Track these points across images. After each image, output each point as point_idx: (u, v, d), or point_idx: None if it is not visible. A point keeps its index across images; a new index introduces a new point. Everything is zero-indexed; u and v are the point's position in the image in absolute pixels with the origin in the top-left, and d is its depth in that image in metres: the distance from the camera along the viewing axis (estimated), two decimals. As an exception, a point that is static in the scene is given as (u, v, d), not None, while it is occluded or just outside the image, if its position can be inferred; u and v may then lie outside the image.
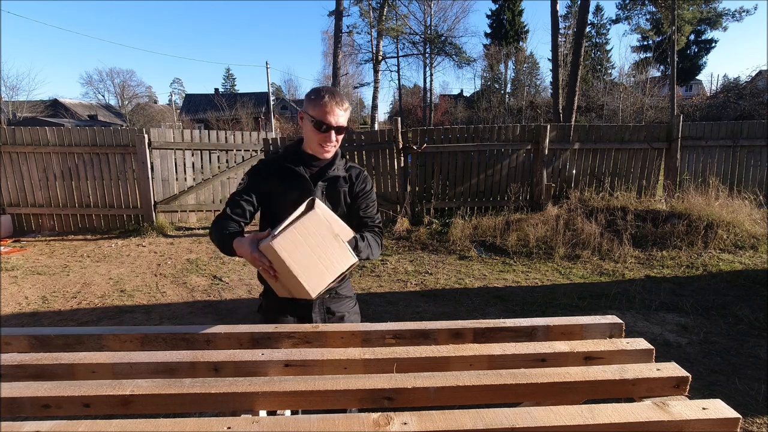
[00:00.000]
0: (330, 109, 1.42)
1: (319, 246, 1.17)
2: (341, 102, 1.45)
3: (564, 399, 0.93)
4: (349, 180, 1.59)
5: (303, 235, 1.16)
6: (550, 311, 3.61)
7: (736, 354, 2.88)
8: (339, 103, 1.43)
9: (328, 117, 1.43)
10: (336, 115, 1.44)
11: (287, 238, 1.14)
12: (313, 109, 1.45)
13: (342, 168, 1.58)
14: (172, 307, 3.88)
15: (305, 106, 1.49)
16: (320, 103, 1.42)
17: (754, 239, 5.14)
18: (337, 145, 1.55)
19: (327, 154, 1.51)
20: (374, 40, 30.47)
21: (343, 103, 1.45)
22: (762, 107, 18.51)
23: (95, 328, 1.20)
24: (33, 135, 6.29)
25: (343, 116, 1.46)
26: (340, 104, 1.44)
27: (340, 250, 1.20)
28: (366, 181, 1.64)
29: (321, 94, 1.45)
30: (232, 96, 41.21)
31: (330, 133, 1.46)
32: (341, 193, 1.57)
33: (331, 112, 1.43)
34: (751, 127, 6.85)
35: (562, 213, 5.82)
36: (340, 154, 1.61)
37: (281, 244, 1.13)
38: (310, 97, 1.47)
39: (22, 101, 35.79)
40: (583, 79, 22.69)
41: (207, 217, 7.04)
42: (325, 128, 1.44)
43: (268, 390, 0.90)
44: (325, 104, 1.42)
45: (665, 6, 19.89)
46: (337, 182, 1.56)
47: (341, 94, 1.48)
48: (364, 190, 1.62)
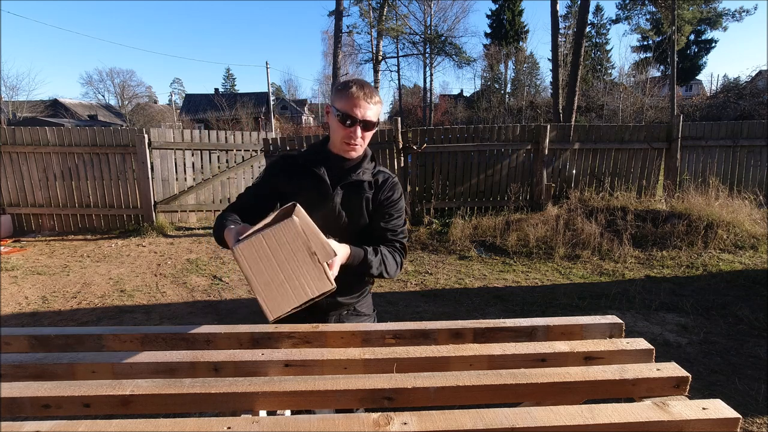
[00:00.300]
0: (357, 101, 1.28)
1: (288, 261, 1.00)
2: (370, 94, 1.30)
3: (564, 399, 0.93)
4: (375, 185, 1.42)
5: (271, 246, 0.99)
6: (550, 311, 3.61)
7: (736, 354, 2.88)
8: (368, 95, 1.29)
9: (355, 110, 1.28)
10: (363, 108, 1.29)
11: (252, 245, 0.98)
12: (339, 101, 1.31)
13: (369, 172, 1.42)
14: (172, 307, 3.89)
15: (332, 99, 1.36)
16: (347, 94, 1.29)
17: (754, 239, 5.14)
18: (365, 144, 1.39)
19: (352, 153, 1.37)
20: (374, 40, 30.50)
21: (373, 96, 1.31)
22: (762, 107, 18.51)
23: (95, 328, 1.20)
24: (33, 135, 6.30)
25: (372, 110, 1.31)
26: (369, 97, 1.29)
27: (315, 271, 1.03)
28: (395, 188, 1.45)
29: (348, 84, 1.31)
30: (232, 96, 41.22)
31: (355, 128, 1.30)
32: (363, 200, 1.40)
33: (358, 104, 1.28)
34: (751, 127, 6.85)
35: (562, 213, 5.82)
36: (370, 155, 1.45)
37: (243, 251, 0.98)
38: (337, 89, 1.34)
39: (22, 101, 35.82)
40: (583, 79, 22.69)
41: (207, 217, 7.04)
42: (351, 122, 1.29)
43: (268, 390, 0.90)
44: (352, 95, 1.28)
45: (665, 6, 19.89)
46: (360, 187, 1.39)
47: (371, 87, 1.34)
48: (390, 199, 1.44)
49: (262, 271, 0.98)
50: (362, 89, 1.29)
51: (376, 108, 1.32)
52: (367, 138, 1.36)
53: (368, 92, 1.30)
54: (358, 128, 1.31)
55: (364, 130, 1.32)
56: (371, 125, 1.33)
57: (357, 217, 1.40)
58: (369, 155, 1.44)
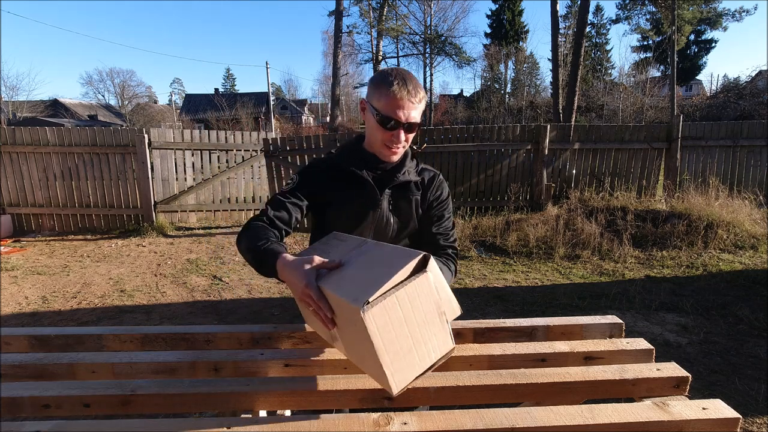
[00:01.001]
0: (400, 101, 1.11)
1: (420, 326, 0.82)
2: (415, 92, 1.12)
3: (564, 399, 0.93)
4: (422, 185, 1.28)
5: (404, 308, 0.80)
6: (550, 311, 3.61)
7: (736, 354, 2.88)
8: (412, 93, 1.11)
9: (398, 111, 1.12)
10: (407, 109, 1.12)
11: (386, 309, 0.77)
12: (378, 99, 1.13)
13: (413, 171, 1.28)
14: (172, 307, 3.88)
15: (369, 94, 1.18)
16: (387, 93, 1.11)
17: (754, 239, 5.14)
18: (407, 145, 1.23)
19: (393, 157, 1.22)
20: (374, 40, 30.50)
21: (417, 93, 1.13)
22: (762, 107, 18.51)
23: (95, 328, 1.20)
24: (33, 135, 6.29)
25: (416, 110, 1.15)
26: (413, 95, 1.12)
27: (441, 332, 0.85)
28: (442, 187, 1.32)
29: (389, 80, 1.12)
30: (232, 96, 41.23)
31: (398, 132, 1.15)
32: (412, 203, 1.26)
33: (401, 104, 1.11)
34: (751, 127, 6.85)
35: (562, 213, 5.82)
36: (410, 153, 1.30)
37: (376, 317, 0.76)
38: (376, 83, 1.15)
39: (22, 101, 35.82)
40: (583, 79, 22.69)
41: (207, 217, 7.04)
42: (393, 125, 1.14)
43: (268, 390, 0.90)
44: (394, 95, 1.10)
45: (665, 6, 19.89)
46: (408, 189, 1.25)
47: (415, 80, 1.14)
48: (439, 199, 1.30)
49: (393, 339, 0.78)
50: (405, 86, 1.11)
51: (421, 106, 1.16)
52: (410, 139, 1.21)
53: (412, 89, 1.12)
54: (402, 132, 1.15)
55: (407, 132, 1.17)
56: (415, 126, 1.17)
57: (407, 223, 1.27)
58: (409, 154, 1.29)
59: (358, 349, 0.86)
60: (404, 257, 0.84)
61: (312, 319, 1.02)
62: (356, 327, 0.78)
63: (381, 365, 0.78)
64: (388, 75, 1.13)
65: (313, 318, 0.94)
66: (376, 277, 0.80)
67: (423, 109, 1.17)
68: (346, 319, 0.82)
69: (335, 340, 0.96)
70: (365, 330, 0.75)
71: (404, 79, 1.12)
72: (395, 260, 0.84)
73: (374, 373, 0.84)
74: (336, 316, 0.84)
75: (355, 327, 0.79)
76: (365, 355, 0.82)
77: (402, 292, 0.79)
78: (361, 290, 0.78)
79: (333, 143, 6.65)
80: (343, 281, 0.84)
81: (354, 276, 0.85)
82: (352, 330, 0.82)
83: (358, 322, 0.76)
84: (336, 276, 0.87)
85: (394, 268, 0.81)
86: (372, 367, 0.83)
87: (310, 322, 1.08)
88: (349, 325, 0.82)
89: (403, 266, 0.80)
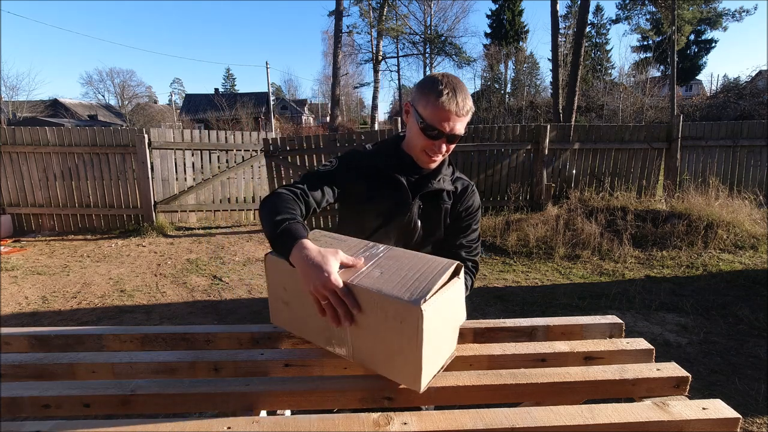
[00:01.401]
0: (448, 114, 1.08)
1: (446, 328, 0.88)
2: (463, 104, 1.09)
3: (564, 399, 0.93)
4: (454, 195, 1.27)
5: (444, 311, 0.84)
6: (550, 311, 3.61)
7: (736, 354, 2.88)
8: (460, 106, 1.08)
9: (443, 124, 1.09)
10: (452, 121, 1.09)
11: (437, 309, 0.79)
12: (424, 106, 1.10)
13: (448, 179, 1.26)
14: (172, 307, 3.89)
15: (415, 98, 1.14)
16: (436, 102, 1.07)
17: (754, 239, 5.14)
18: (447, 155, 1.21)
19: (431, 165, 1.21)
20: (374, 40, 30.50)
21: (465, 105, 1.10)
22: (762, 107, 18.51)
23: (95, 328, 1.20)
24: (33, 135, 6.30)
25: (462, 123, 1.12)
26: (461, 107, 1.09)
27: (454, 335, 0.93)
28: (474, 197, 1.30)
29: (439, 88, 1.08)
30: (232, 96, 41.23)
31: (440, 142, 1.13)
32: (442, 211, 1.25)
33: (448, 116, 1.08)
34: (751, 127, 6.85)
35: (562, 213, 5.82)
36: (448, 160, 1.27)
37: (430, 315, 0.76)
38: (425, 90, 1.11)
39: (22, 101, 35.84)
40: (583, 79, 22.69)
41: (207, 217, 7.04)
42: (435, 135, 1.11)
43: (268, 390, 0.90)
44: (442, 105, 1.07)
45: (665, 6, 19.89)
46: (440, 197, 1.24)
47: (465, 91, 1.10)
48: (468, 210, 1.28)
49: (431, 338, 0.80)
50: (455, 97, 1.07)
51: (467, 118, 1.12)
52: (451, 149, 1.18)
53: (461, 101, 1.08)
54: (444, 143, 1.13)
55: (449, 143, 1.15)
56: (458, 138, 1.14)
57: (433, 230, 1.26)
58: (447, 160, 1.26)
59: (378, 349, 0.85)
60: (439, 262, 0.87)
61: (300, 316, 0.95)
62: (393, 325, 0.79)
63: (417, 363, 0.79)
64: (438, 83, 1.09)
65: (305, 315, 0.92)
66: (420, 278, 0.82)
67: (469, 120, 1.14)
68: (378, 317, 0.81)
69: (336, 340, 0.93)
70: (416, 328, 0.76)
71: (455, 89, 1.08)
72: (431, 264, 0.87)
73: (395, 371, 0.85)
74: (360, 314, 0.83)
75: (391, 325, 0.79)
76: (391, 354, 0.83)
77: (447, 294, 0.83)
78: (409, 289, 0.79)
79: (333, 143, 6.65)
80: (376, 280, 0.83)
81: (388, 276, 0.84)
82: (383, 328, 0.82)
83: (406, 319, 0.76)
84: (361, 274, 0.85)
85: (437, 271, 0.84)
86: (394, 366, 0.84)
87: (293, 320, 0.98)
88: (381, 323, 0.81)
89: (445, 271, 0.84)
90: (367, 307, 0.82)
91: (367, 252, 0.94)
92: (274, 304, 1.02)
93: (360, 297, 0.82)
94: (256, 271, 4.85)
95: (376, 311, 0.81)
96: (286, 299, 0.97)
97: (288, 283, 0.94)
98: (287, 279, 0.94)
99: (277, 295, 0.99)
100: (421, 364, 0.79)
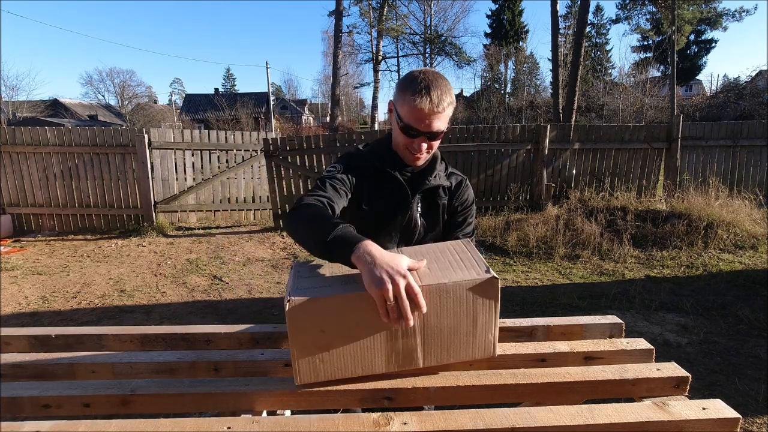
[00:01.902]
0: (421, 111, 1.07)
1: None
2: (439, 101, 1.07)
3: (564, 399, 0.93)
4: (449, 190, 1.29)
5: None
6: (550, 311, 3.61)
7: (736, 354, 2.88)
8: (435, 103, 1.07)
9: (419, 122, 1.09)
10: (429, 119, 1.09)
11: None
12: (401, 105, 1.11)
13: (443, 174, 1.28)
14: (172, 307, 3.89)
15: (395, 96, 1.15)
16: (412, 101, 1.07)
17: (754, 239, 5.14)
18: (432, 150, 1.21)
19: (416, 162, 1.21)
20: (374, 40, 30.49)
21: (441, 102, 1.07)
22: (762, 107, 18.52)
23: (95, 328, 1.20)
24: (33, 135, 6.30)
25: (440, 120, 1.10)
26: (437, 104, 1.07)
27: None
28: (467, 191, 1.33)
29: (415, 86, 1.07)
30: (232, 96, 41.24)
31: (419, 140, 1.13)
32: (440, 207, 1.27)
33: (423, 115, 1.08)
34: (751, 127, 6.85)
35: (562, 213, 5.82)
36: (440, 156, 1.29)
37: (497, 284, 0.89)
38: (401, 88, 1.11)
39: (22, 101, 35.84)
40: (583, 79, 22.69)
41: (207, 217, 7.04)
42: (415, 133, 1.12)
43: (268, 390, 0.90)
44: (417, 104, 1.06)
45: (665, 6, 19.89)
46: (437, 193, 1.27)
47: (443, 87, 1.08)
48: (464, 204, 1.31)
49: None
50: (428, 96, 1.06)
51: (446, 113, 1.11)
52: (435, 145, 1.18)
53: (437, 98, 1.07)
54: (423, 141, 1.13)
55: (430, 140, 1.14)
56: (439, 135, 1.14)
57: (433, 226, 1.28)
58: (438, 157, 1.28)
59: (451, 337, 0.89)
60: (457, 243, 1.00)
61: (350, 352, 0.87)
62: (468, 305, 0.87)
63: (494, 330, 0.91)
64: (414, 81, 1.09)
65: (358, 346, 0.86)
66: (464, 258, 0.93)
67: (450, 115, 1.13)
68: (449, 306, 0.87)
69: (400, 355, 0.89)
70: (495, 296, 0.88)
71: (430, 87, 1.07)
72: (454, 246, 0.99)
73: (470, 350, 0.91)
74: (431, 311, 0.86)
75: (465, 306, 0.87)
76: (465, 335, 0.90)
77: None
78: (469, 268, 0.89)
79: (333, 143, 6.65)
80: (434, 275, 0.87)
81: (437, 267, 0.90)
82: (454, 314, 0.87)
83: (486, 291, 0.87)
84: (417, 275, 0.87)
85: (466, 248, 0.97)
86: (468, 346, 0.91)
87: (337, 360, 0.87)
88: (452, 310, 0.87)
89: (468, 246, 0.98)
90: (437, 302, 0.85)
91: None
92: (305, 358, 0.86)
93: (429, 295, 0.84)
94: (256, 271, 4.85)
95: (447, 301, 0.86)
96: (325, 343, 0.85)
97: (328, 322, 0.84)
98: (327, 317, 0.84)
99: (309, 345, 0.85)
100: (497, 328, 0.91)
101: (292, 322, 0.82)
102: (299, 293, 0.83)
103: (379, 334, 0.86)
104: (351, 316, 0.84)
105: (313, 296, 0.83)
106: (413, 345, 0.88)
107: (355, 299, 0.83)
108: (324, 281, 0.89)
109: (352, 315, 0.84)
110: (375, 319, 0.83)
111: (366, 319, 0.84)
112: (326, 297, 0.83)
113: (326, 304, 0.83)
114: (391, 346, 0.88)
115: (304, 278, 0.91)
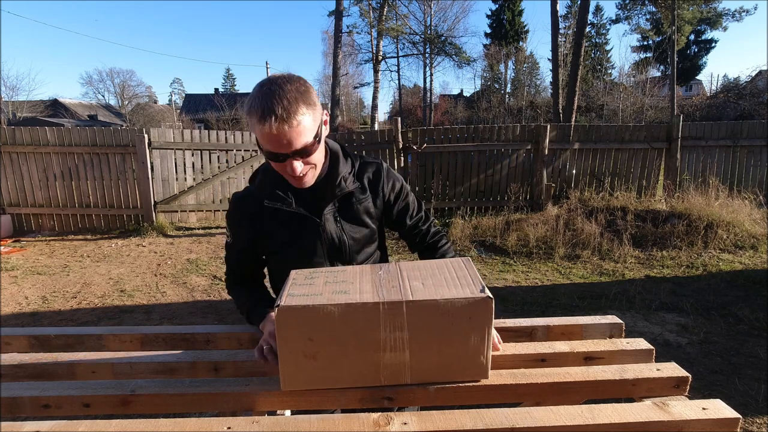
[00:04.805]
0: (273, 135, 0.91)
1: None
2: (289, 113, 0.90)
3: (564, 399, 0.93)
4: (369, 184, 1.17)
5: None
6: (550, 311, 3.61)
7: (736, 354, 2.88)
8: (285, 118, 0.90)
9: (277, 146, 0.94)
10: (284, 139, 0.92)
11: None
12: (254, 131, 0.95)
13: (350, 176, 1.13)
14: (172, 307, 3.89)
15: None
16: (260, 127, 0.91)
17: (754, 239, 5.14)
18: (319, 164, 1.06)
19: (303, 183, 1.05)
20: (374, 40, 30.48)
21: (292, 114, 0.90)
22: (762, 107, 18.52)
23: (95, 328, 1.20)
24: (33, 135, 6.29)
25: (299, 133, 0.93)
26: (287, 118, 0.90)
27: None
28: (391, 176, 1.20)
29: (256, 107, 0.91)
30: (232, 96, 41.20)
31: (289, 163, 0.97)
32: (361, 210, 1.15)
33: (276, 138, 0.92)
34: (751, 127, 6.85)
35: (562, 213, 5.82)
36: (340, 153, 1.14)
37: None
38: (248, 111, 0.94)
39: (22, 101, 35.79)
40: (583, 79, 22.68)
41: (207, 217, 7.04)
42: (281, 158, 0.97)
43: (268, 390, 0.90)
44: (264, 129, 0.91)
45: (665, 6, 19.89)
46: (352, 199, 1.14)
47: (290, 92, 0.91)
48: (395, 190, 1.20)
49: None
50: (273, 113, 0.89)
51: (304, 124, 0.93)
52: (315, 158, 1.02)
53: (285, 114, 0.90)
54: (292, 162, 0.97)
55: (303, 157, 0.98)
56: (309, 147, 0.96)
57: (361, 232, 1.17)
58: (339, 155, 1.13)
59: (441, 355, 0.87)
60: (449, 260, 0.99)
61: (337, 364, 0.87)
62: (460, 324, 0.84)
63: (485, 352, 0.87)
64: (253, 102, 0.92)
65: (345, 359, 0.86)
66: (458, 275, 0.91)
67: (309, 127, 0.95)
68: (442, 324, 0.84)
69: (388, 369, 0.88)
70: (488, 317, 0.83)
71: (271, 104, 0.89)
72: (448, 263, 0.98)
73: (459, 371, 0.88)
74: (421, 327, 0.84)
75: (457, 326, 0.84)
76: (455, 355, 0.87)
77: None
78: (463, 286, 0.86)
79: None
80: (428, 290, 0.86)
81: (431, 284, 0.89)
82: (446, 332, 0.85)
83: (477, 311, 0.83)
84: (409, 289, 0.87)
85: (459, 265, 0.96)
86: (458, 366, 0.88)
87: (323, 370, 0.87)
88: (443, 328, 0.84)
89: (462, 263, 0.97)
90: (428, 318, 0.83)
91: (381, 271, 0.96)
92: (291, 365, 0.86)
93: (421, 311, 0.83)
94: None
95: (438, 318, 0.83)
96: (312, 352, 0.85)
97: (316, 330, 0.84)
98: (316, 325, 0.83)
99: (295, 352, 0.85)
100: (490, 351, 0.87)
101: (280, 327, 0.83)
102: (290, 299, 0.84)
103: (368, 347, 0.85)
104: (340, 327, 0.83)
105: (302, 303, 0.82)
106: (402, 360, 0.87)
107: (344, 309, 0.82)
108: (316, 290, 0.88)
109: (341, 325, 0.83)
110: (364, 331, 0.83)
111: (355, 331, 0.84)
112: (315, 305, 0.82)
113: (315, 313, 0.82)
114: (380, 360, 0.86)
115: (297, 285, 0.91)
